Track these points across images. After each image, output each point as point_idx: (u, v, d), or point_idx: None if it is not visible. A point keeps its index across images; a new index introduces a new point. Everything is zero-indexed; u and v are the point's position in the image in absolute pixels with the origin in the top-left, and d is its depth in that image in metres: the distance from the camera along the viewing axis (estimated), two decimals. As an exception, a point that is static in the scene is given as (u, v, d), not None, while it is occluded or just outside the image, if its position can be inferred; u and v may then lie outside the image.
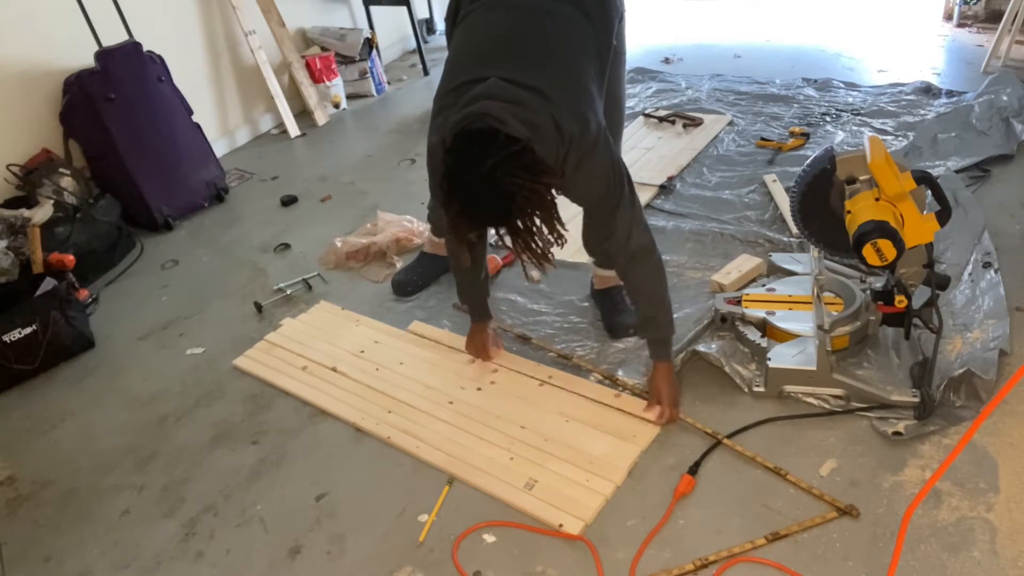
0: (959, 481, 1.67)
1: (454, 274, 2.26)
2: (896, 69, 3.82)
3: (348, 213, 3.24)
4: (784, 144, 3.20)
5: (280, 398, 2.24)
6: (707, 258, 2.54)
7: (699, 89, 3.90)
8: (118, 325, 2.72)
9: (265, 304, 2.67)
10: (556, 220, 1.55)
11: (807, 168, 1.95)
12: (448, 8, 1.92)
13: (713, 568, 1.57)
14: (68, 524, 1.94)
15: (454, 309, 2.51)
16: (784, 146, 3.19)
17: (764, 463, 1.77)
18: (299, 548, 1.77)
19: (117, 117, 3.13)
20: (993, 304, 2.08)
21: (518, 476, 1.83)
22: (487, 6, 1.78)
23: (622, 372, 2.12)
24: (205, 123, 3.58)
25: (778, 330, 2.05)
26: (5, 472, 2.14)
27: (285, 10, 4.10)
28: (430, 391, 2.15)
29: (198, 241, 3.23)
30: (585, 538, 1.67)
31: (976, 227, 2.41)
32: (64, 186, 3.00)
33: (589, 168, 1.68)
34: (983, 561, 1.51)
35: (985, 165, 2.81)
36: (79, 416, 2.31)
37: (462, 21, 1.82)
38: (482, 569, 1.65)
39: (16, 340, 2.41)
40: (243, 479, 1.98)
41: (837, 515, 1.63)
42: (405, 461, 1.95)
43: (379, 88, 4.56)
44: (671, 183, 3.02)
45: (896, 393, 1.86)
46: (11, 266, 2.62)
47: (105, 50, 3.15)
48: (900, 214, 1.72)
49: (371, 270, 2.81)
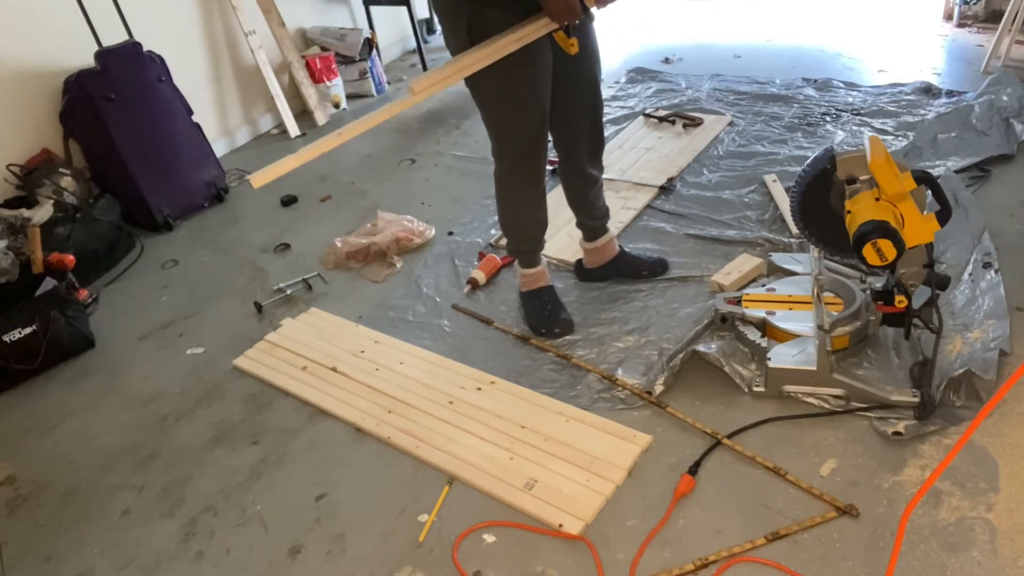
0: (959, 481, 1.67)
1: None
2: (896, 69, 3.82)
3: (348, 213, 3.24)
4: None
5: (280, 398, 2.24)
6: (707, 258, 2.54)
7: (699, 89, 3.89)
8: (118, 325, 2.72)
9: (265, 304, 2.68)
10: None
11: (807, 168, 1.95)
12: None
13: (713, 568, 1.57)
14: (68, 524, 1.94)
15: (454, 310, 2.51)
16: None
17: (764, 463, 1.77)
18: (299, 548, 1.77)
19: (117, 117, 3.13)
20: (993, 304, 2.08)
21: (518, 476, 1.83)
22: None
23: (622, 372, 2.12)
24: (205, 123, 3.59)
25: (778, 330, 2.05)
26: (5, 472, 2.14)
27: (285, 10, 4.10)
28: (430, 391, 2.15)
29: (198, 241, 3.23)
30: (585, 538, 1.67)
31: (976, 227, 2.41)
32: (64, 186, 3.00)
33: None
34: (983, 561, 1.51)
35: (985, 165, 2.81)
36: (79, 416, 2.31)
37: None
38: (482, 569, 1.65)
39: (16, 340, 2.41)
40: (243, 479, 1.98)
41: (837, 515, 1.63)
42: (405, 461, 1.95)
43: (379, 88, 4.56)
44: (671, 184, 3.02)
45: (896, 393, 1.86)
46: (11, 266, 2.62)
47: (105, 50, 3.15)
48: (900, 214, 1.72)
49: (371, 270, 2.81)
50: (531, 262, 2.35)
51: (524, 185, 2.17)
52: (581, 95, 2.10)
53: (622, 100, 3.91)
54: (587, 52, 2.03)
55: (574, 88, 2.08)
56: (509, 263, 2.65)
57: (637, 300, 2.40)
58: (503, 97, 1.98)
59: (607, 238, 2.43)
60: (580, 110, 2.13)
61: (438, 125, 3.99)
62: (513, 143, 2.07)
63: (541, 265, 2.37)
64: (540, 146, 2.08)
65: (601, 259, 2.46)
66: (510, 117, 2.02)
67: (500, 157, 2.13)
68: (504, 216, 2.29)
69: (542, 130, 2.06)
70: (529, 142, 2.05)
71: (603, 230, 2.41)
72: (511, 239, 2.33)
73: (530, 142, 2.05)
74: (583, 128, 2.17)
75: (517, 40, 1.82)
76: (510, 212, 2.27)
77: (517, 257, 2.37)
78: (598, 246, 2.43)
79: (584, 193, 2.31)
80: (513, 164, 2.11)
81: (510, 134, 2.06)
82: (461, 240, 2.90)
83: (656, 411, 1.98)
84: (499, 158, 2.13)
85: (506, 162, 2.12)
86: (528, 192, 2.19)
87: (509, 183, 2.18)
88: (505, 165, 2.13)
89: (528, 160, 2.10)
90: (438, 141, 3.83)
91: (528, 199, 2.21)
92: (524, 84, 1.93)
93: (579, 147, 2.20)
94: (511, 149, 2.08)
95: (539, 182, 2.18)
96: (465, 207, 3.14)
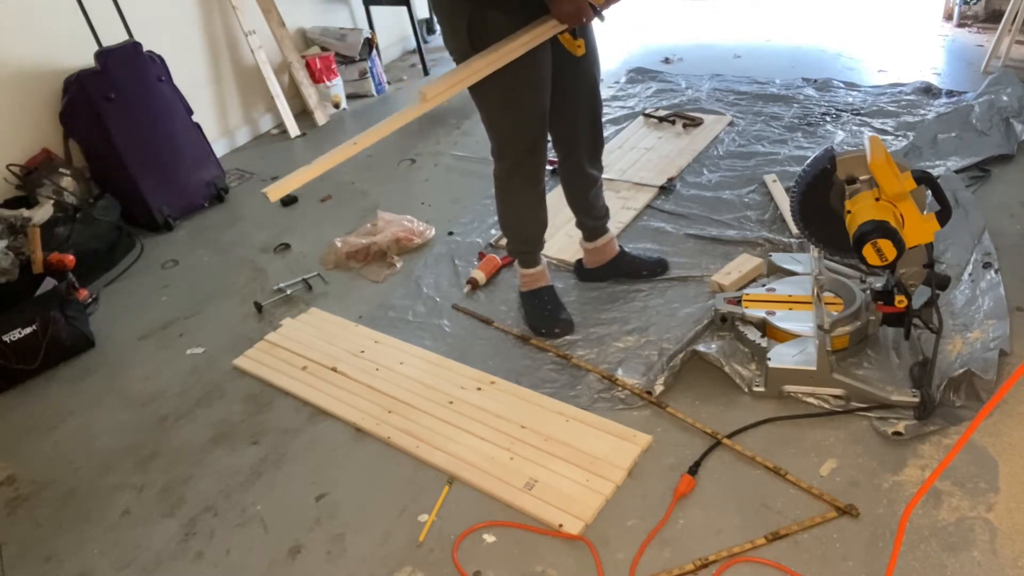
0: (959, 481, 1.67)
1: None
2: (896, 69, 3.82)
3: (348, 213, 3.24)
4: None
5: (280, 398, 2.24)
6: (707, 258, 2.54)
7: (699, 89, 3.89)
8: (118, 325, 2.72)
9: (265, 304, 2.68)
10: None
11: (807, 168, 1.95)
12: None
13: (713, 568, 1.57)
14: (68, 524, 1.94)
15: (454, 310, 2.51)
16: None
17: (764, 463, 1.77)
18: (299, 548, 1.77)
19: (117, 117, 3.13)
20: (993, 304, 2.08)
21: (518, 476, 1.83)
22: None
23: (622, 372, 2.12)
24: (205, 123, 3.59)
25: (778, 330, 2.05)
26: (5, 472, 2.14)
27: (285, 10, 4.10)
28: (430, 391, 2.15)
29: (198, 241, 3.23)
30: (585, 538, 1.67)
31: (976, 227, 2.41)
32: (64, 186, 3.00)
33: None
34: (983, 561, 1.51)
35: (985, 165, 2.81)
36: (79, 416, 2.31)
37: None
38: (482, 569, 1.65)
39: (16, 340, 2.41)
40: (243, 479, 1.98)
41: (837, 515, 1.63)
42: (405, 461, 1.95)
43: (379, 88, 4.56)
44: (671, 184, 3.02)
45: (896, 393, 1.86)
46: (11, 266, 2.62)
47: (105, 50, 3.15)
48: (900, 214, 1.72)
49: (371, 270, 2.81)
50: (531, 262, 2.35)
51: (524, 185, 2.17)
52: (581, 95, 2.10)
53: (622, 100, 3.91)
54: (587, 52, 2.03)
55: (574, 88, 2.08)
56: (509, 263, 2.65)
57: (637, 300, 2.40)
58: (503, 97, 1.98)
59: (607, 238, 2.43)
60: (580, 110, 2.13)
61: (438, 125, 3.99)
62: (513, 143, 2.07)
63: (541, 265, 2.37)
64: (540, 146, 2.08)
65: (601, 259, 2.46)
66: (510, 117, 2.02)
67: (500, 157, 2.13)
68: (504, 216, 2.29)
69: (542, 130, 2.06)
70: (529, 142, 2.05)
71: (603, 230, 2.41)
72: (511, 239, 2.33)
73: (530, 142, 2.05)
74: (583, 128, 2.17)
75: (525, 43, 1.82)
76: (510, 212, 2.27)
77: (517, 257, 2.37)
78: (598, 246, 2.43)
79: (584, 193, 2.31)
80: (513, 164, 2.11)
81: (510, 134, 2.06)
82: (461, 240, 2.90)
83: (656, 411, 1.98)
84: (499, 158, 2.13)
85: (506, 162, 2.12)
86: (528, 192, 2.19)
87: (509, 183, 2.18)
88: (505, 165, 2.13)
89: (528, 160, 2.10)
90: (438, 141, 3.83)
91: (528, 199, 2.21)
92: (524, 84, 1.93)
93: (579, 147, 2.20)
94: (511, 149, 2.08)
95: (539, 182, 2.18)
96: (465, 207, 3.14)
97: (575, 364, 2.18)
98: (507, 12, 1.83)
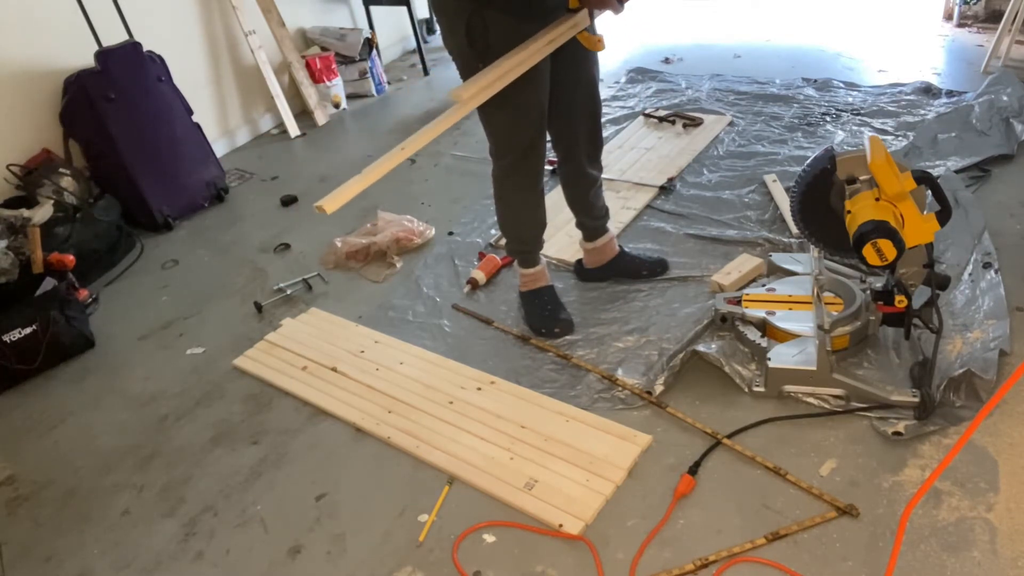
0: (959, 481, 1.67)
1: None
2: (896, 69, 3.82)
3: (348, 213, 3.23)
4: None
5: (280, 398, 2.24)
6: (707, 258, 2.54)
7: (699, 89, 3.89)
8: (118, 325, 2.72)
9: (265, 304, 2.68)
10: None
11: (807, 168, 1.95)
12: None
13: (713, 568, 1.57)
14: (68, 524, 1.94)
15: (454, 310, 2.51)
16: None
17: (764, 463, 1.77)
18: (299, 548, 1.77)
19: (117, 117, 3.13)
20: (993, 304, 2.08)
21: (518, 476, 1.83)
22: None
23: (622, 372, 2.12)
24: (205, 123, 3.59)
25: (778, 330, 2.05)
26: (5, 472, 2.14)
27: (285, 10, 4.10)
28: (430, 391, 2.15)
29: (198, 241, 3.23)
30: (585, 538, 1.67)
31: (976, 227, 2.41)
32: (64, 186, 3.00)
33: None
34: (983, 561, 1.51)
35: (985, 165, 2.81)
36: (79, 416, 2.31)
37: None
38: (482, 569, 1.65)
39: (16, 340, 2.41)
40: (243, 479, 1.98)
41: (837, 515, 1.63)
42: (405, 461, 1.95)
43: (379, 88, 4.56)
44: (671, 184, 3.02)
45: (896, 393, 1.86)
46: (11, 266, 2.62)
47: (105, 50, 3.15)
48: (900, 214, 1.72)
49: (371, 270, 2.81)
50: (531, 262, 2.35)
51: (523, 185, 2.17)
52: (580, 95, 2.10)
53: (622, 100, 3.91)
54: (586, 52, 2.03)
55: (573, 88, 2.08)
56: (509, 263, 2.65)
57: (637, 300, 2.40)
58: (502, 97, 1.97)
59: (607, 238, 2.43)
60: (579, 110, 2.13)
61: (438, 125, 3.98)
62: (511, 143, 2.07)
63: (541, 265, 2.37)
64: (538, 146, 2.08)
65: (601, 259, 2.46)
66: (509, 117, 2.02)
67: (499, 157, 2.12)
68: (503, 216, 2.29)
69: (540, 130, 2.06)
70: (527, 142, 2.05)
71: (603, 230, 2.41)
72: (510, 239, 2.33)
73: (528, 142, 2.05)
74: (582, 128, 2.17)
75: (549, 43, 1.84)
76: (509, 212, 2.27)
77: (516, 257, 2.37)
78: (598, 246, 2.43)
79: (583, 193, 2.31)
80: (512, 164, 2.11)
81: (509, 134, 2.06)
82: (461, 240, 2.90)
83: (656, 411, 1.98)
84: (497, 158, 2.13)
85: (505, 162, 2.12)
86: (527, 192, 2.19)
87: (507, 183, 2.18)
88: (504, 165, 2.13)
89: (527, 160, 2.10)
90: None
91: (527, 199, 2.21)
92: (522, 84, 1.93)
93: (578, 147, 2.20)
94: (510, 149, 2.08)
95: (538, 182, 2.18)
96: (465, 207, 3.14)
97: (575, 364, 2.18)
98: (506, 12, 1.83)
